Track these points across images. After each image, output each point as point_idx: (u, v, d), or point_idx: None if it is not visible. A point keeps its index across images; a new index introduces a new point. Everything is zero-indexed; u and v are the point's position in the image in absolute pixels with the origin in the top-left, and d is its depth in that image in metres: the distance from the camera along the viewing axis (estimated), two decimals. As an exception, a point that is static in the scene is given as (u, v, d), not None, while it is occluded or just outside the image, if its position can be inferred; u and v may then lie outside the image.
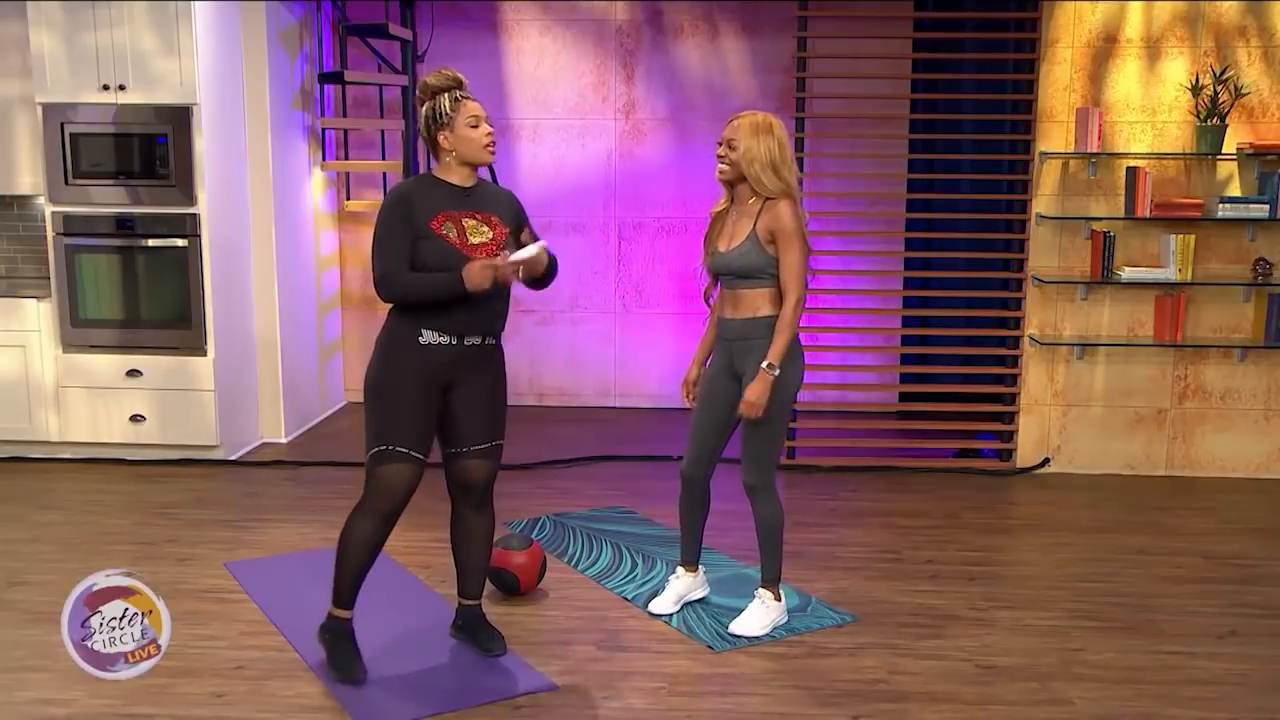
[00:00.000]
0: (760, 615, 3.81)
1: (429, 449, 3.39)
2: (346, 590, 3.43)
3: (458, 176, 3.40)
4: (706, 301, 3.92)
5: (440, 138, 3.35)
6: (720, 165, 3.70)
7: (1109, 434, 5.78)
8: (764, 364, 3.59)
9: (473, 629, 3.65)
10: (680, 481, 3.94)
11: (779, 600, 3.86)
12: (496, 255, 3.31)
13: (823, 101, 6.32)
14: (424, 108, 3.37)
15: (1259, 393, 5.69)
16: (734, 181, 3.71)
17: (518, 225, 3.53)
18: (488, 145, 3.39)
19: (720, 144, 3.69)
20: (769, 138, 3.61)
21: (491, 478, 3.54)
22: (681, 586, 4.00)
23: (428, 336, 3.32)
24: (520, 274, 3.36)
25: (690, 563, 4.02)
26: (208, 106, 5.51)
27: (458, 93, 3.36)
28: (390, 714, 3.24)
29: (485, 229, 3.38)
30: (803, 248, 3.62)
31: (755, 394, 3.59)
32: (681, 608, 3.98)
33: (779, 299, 3.66)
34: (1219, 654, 3.70)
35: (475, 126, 3.36)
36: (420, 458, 3.35)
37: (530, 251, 3.33)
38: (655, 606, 3.96)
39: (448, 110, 3.33)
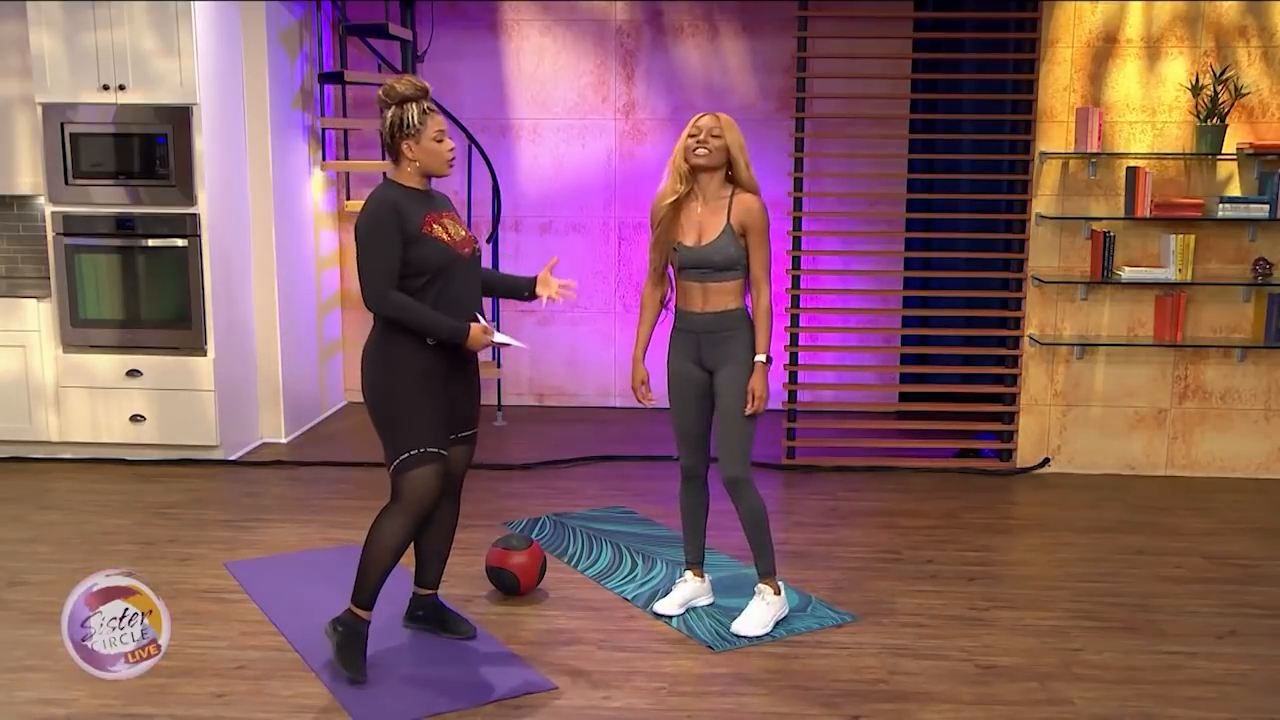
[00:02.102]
0: (762, 612, 3.81)
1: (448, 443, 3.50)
2: (373, 591, 3.47)
3: (417, 183, 3.44)
4: (663, 303, 3.91)
5: (404, 146, 3.38)
6: (700, 150, 3.62)
7: (1109, 434, 5.78)
8: (757, 358, 3.68)
9: (439, 618, 3.76)
10: (680, 479, 3.94)
11: (778, 594, 3.87)
12: (486, 324, 3.47)
13: (823, 101, 6.32)
14: (389, 112, 3.38)
15: (1259, 393, 5.69)
16: (707, 169, 3.66)
17: None
18: (450, 160, 3.46)
19: (698, 132, 3.62)
20: (741, 134, 3.71)
21: (469, 464, 3.69)
22: (689, 591, 3.99)
23: (431, 340, 3.39)
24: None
25: (696, 565, 4.01)
26: (208, 106, 5.51)
27: (426, 103, 3.39)
28: (390, 714, 3.24)
29: (458, 226, 3.50)
30: (768, 242, 3.75)
31: (760, 387, 3.67)
32: (685, 612, 3.98)
33: (744, 291, 3.75)
34: (1219, 654, 3.70)
35: (440, 141, 3.41)
36: (445, 454, 3.45)
37: (510, 342, 3.56)
38: (660, 607, 3.96)
39: (415, 121, 3.36)
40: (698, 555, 4.01)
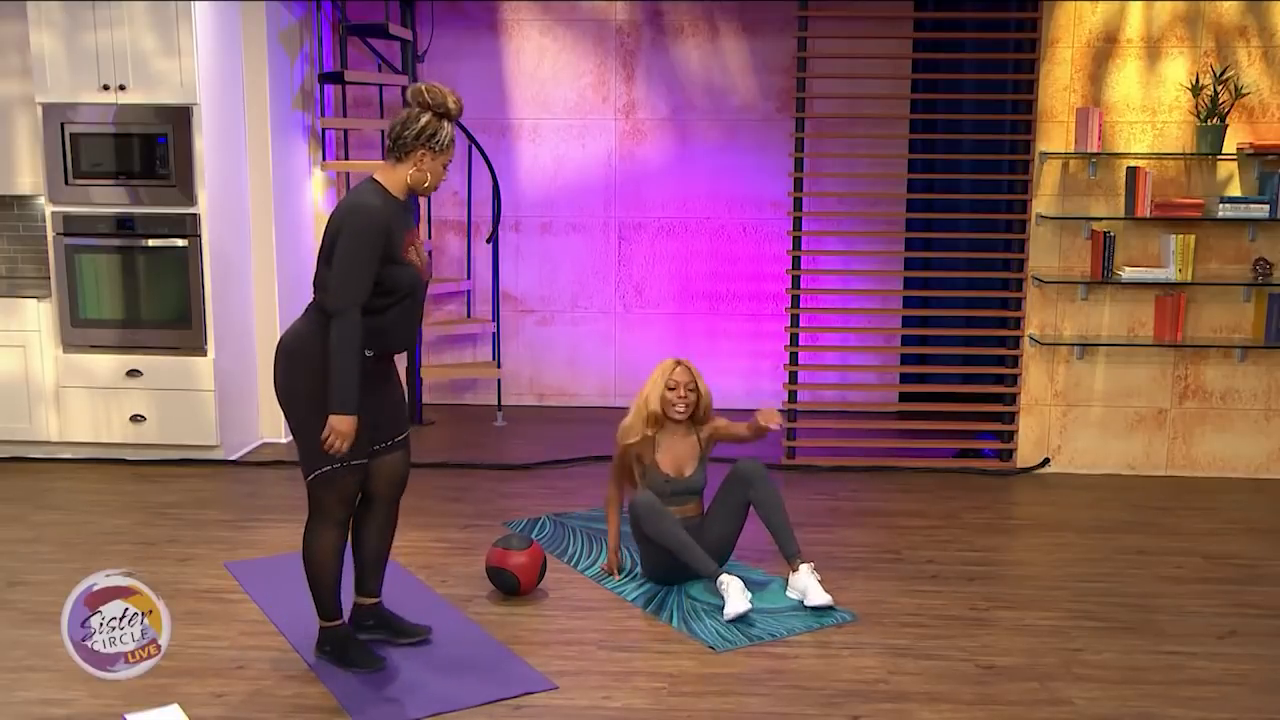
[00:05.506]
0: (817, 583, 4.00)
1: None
2: (331, 602, 3.49)
3: (400, 193, 3.35)
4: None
5: (420, 155, 3.29)
6: (679, 406, 4.14)
7: (1109, 434, 5.78)
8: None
9: (390, 625, 3.69)
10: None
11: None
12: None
13: (823, 101, 6.32)
14: (424, 117, 3.28)
15: (1259, 393, 5.69)
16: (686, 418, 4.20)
17: None
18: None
19: (676, 386, 4.13)
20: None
21: (408, 468, 3.64)
22: (735, 585, 3.91)
23: (370, 353, 3.36)
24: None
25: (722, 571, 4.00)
26: (208, 106, 5.51)
27: (454, 130, 3.35)
28: (390, 714, 3.24)
29: (421, 246, 3.47)
30: None
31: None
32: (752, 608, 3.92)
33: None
34: (1219, 654, 3.70)
35: (445, 168, 3.38)
36: (364, 461, 3.43)
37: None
38: (733, 608, 3.83)
39: (445, 141, 3.31)
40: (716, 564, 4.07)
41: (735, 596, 3.85)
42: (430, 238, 6.96)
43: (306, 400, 3.31)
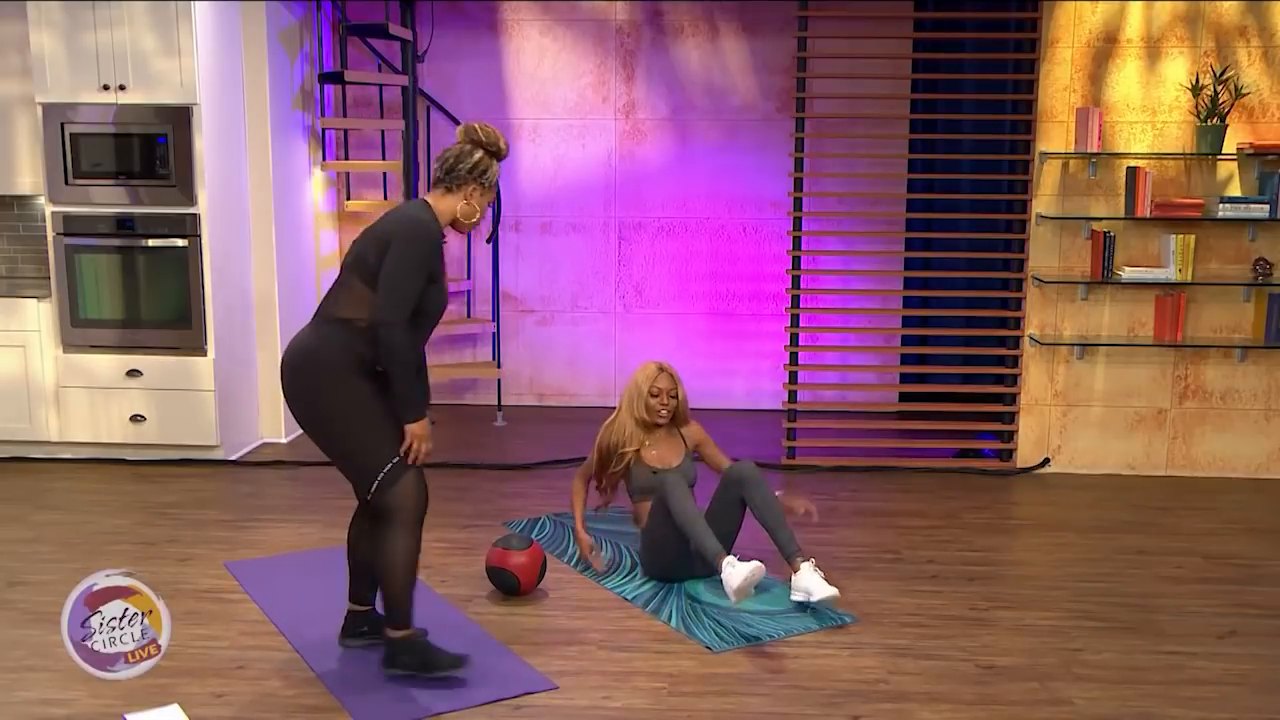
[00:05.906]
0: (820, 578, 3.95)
1: None
2: (409, 609, 3.44)
3: (446, 219, 3.46)
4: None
5: (472, 189, 3.42)
6: (662, 412, 4.35)
7: (1109, 434, 5.78)
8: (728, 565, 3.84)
9: (384, 630, 3.63)
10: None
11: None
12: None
13: (823, 101, 6.32)
14: (475, 153, 3.41)
15: (1259, 393, 5.69)
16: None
17: None
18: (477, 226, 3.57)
19: (659, 394, 4.35)
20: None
21: None
22: (740, 563, 3.86)
23: (380, 367, 3.36)
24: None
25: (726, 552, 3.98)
26: (208, 106, 5.51)
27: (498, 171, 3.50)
28: (390, 714, 3.24)
29: (445, 282, 3.55)
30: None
31: None
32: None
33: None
34: (1219, 654, 3.70)
35: (487, 209, 3.51)
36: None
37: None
38: (742, 570, 3.76)
39: (493, 179, 3.46)
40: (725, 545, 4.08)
41: (741, 566, 3.76)
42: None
43: (329, 413, 3.33)
